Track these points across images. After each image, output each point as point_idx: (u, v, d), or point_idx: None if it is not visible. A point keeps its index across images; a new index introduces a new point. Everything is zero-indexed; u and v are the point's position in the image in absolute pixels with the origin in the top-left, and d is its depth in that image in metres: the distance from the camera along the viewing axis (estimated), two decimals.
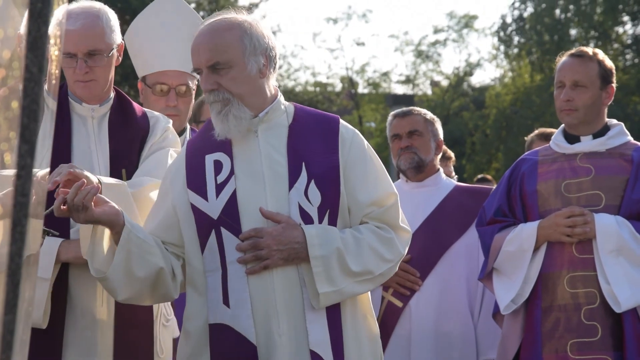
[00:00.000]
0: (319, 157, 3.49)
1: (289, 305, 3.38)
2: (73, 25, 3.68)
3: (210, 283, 3.41)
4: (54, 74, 1.76)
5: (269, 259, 3.35)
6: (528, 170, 4.56)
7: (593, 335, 4.30)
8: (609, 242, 4.29)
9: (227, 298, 3.36)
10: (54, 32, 1.69)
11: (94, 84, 3.79)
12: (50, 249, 3.59)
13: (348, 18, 35.64)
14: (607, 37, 27.79)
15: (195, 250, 3.45)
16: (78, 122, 3.82)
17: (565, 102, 4.48)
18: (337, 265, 3.40)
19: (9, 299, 1.51)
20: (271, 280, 3.37)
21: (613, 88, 4.55)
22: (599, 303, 4.31)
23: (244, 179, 3.43)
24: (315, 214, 3.43)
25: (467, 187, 5.25)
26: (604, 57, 4.55)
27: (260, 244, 3.35)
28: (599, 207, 4.38)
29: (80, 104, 3.82)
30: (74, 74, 3.75)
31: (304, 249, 3.37)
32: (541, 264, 4.41)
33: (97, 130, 3.83)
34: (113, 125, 3.85)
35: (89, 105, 3.83)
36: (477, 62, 34.26)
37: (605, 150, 4.48)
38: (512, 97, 28.89)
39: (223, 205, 3.40)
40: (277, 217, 3.38)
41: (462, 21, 34.73)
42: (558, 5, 27.94)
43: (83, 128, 3.82)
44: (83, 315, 3.67)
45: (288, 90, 32.43)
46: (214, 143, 3.50)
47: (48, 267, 3.59)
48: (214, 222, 3.40)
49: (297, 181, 3.42)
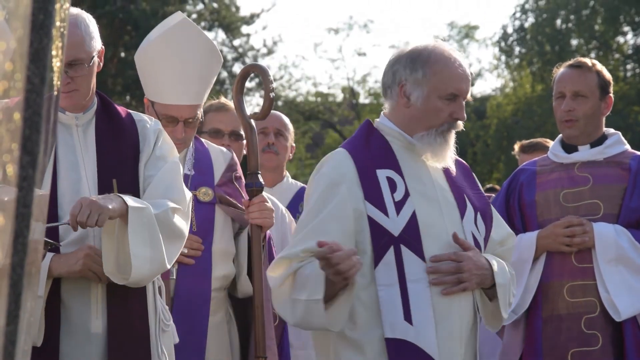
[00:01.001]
0: (470, 192, 3.66)
1: (465, 328, 3.50)
2: None
3: (384, 297, 3.42)
4: (56, 85, 1.76)
5: (468, 282, 3.47)
6: (526, 180, 4.56)
7: (594, 344, 4.30)
8: (608, 251, 4.30)
9: (410, 315, 3.40)
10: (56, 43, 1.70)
11: (76, 94, 3.74)
12: (42, 265, 3.54)
13: (349, 28, 35.67)
14: (608, 47, 27.80)
15: (367, 262, 3.43)
16: (63, 132, 3.75)
17: (567, 112, 4.48)
18: (509, 293, 3.63)
19: (10, 310, 1.51)
20: (451, 303, 3.47)
21: (611, 98, 4.56)
22: (599, 312, 4.31)
23: (420, 201, 3.51)
24: (483, 245, 3.62)
25: None
26: (602, 67, 4.57)
27: (462, 268, 3.46)
28: (597, 216, 4.39)
29: (63, 113, 3.75)
30: None
31: (491, 275, 3.54)
32: (541, 273, 4.42)
33: (83, 139, 3.78)
34: (100, 133, 3.79)
35: (72, 113, 3.78)
36: (478, 72, 34.29)
37: (603, 159, 4.49)
38: (513, 107, 28.88)
39: (404, 224, 3.45)
40: (467, 244, 3.52)
41: (463, 31, 34.75)
42: (559, 15, 27.96)
43: (69, 137, 3.77)
44: (77, 330, 3.63)
45: (289, 101, 32.43)
46: (378, 157, 3.55)
47: (40, 283, 3.54)
48: (394, 238, 3.44)
49: (467, 211, 3.58)
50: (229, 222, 4.46)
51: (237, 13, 28.14)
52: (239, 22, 28.08)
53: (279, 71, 32.83)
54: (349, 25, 37.23)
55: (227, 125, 4.98)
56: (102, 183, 3.68)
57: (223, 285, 4.41)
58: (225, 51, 28.36)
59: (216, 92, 24.22)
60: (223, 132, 5.00)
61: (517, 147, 6.31)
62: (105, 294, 3.65)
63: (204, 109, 5.09)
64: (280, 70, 33.47)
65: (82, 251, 3.60)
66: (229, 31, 27.98)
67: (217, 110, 5.05)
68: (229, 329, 4.44)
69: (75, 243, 3.64)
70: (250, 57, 28.35)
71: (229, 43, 28.52)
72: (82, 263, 3.58)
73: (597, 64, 4.57)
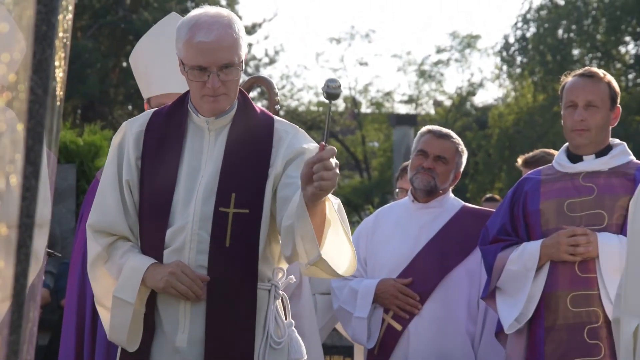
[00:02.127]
0: None
1: None
2: (206, 37, 3.48)
3: None
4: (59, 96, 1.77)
5: None
6: (531, 189, 4.56)
7: (596, 355, 4.30)
8: (611, 261, 4.30)
9: None
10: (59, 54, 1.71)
11: (225, 98, 3.56)
12: (136, 272, 3.52)
13: (351, 38, 35.64)
14: (610, 57, 27.82)
15: None
16: (194, 136, 3.62)
17: (579, 122, 4.47)
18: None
19: (13, 320, 1.52)
20: None
21: (619, 109, 4.56)
22: (601, 322, 4.31)
23: None
24: None
25: (473, 210, 5.13)
26: (611, 78, 4.57)
27: None
28: (601, 227, 4.38)
29: (196, 115, 3.61)
30: (203, 89, 3.54)
31: None
32: (544, 283, 4.41)
33: (213, 145, 3.61)
34: (231, 140, 3.61)
35: (205, 117, 3.60)
36: (479, 82, 34.28)
37: (607, 170, 4.49)
38: (515, 117, 28.88)
39: None
40: None
41: (464, 41, 34.75)
42: (561, 25, 27.98)
43: (198, 142, 3.61)
44: (167, 341, 3.56)
45: (291, 110, 32.46)
46: None
47: (132, 290, 3.52)
48: None
49: None
50: None
51: None
52: None
53: (280, 81, 32.89)
54: (350, 35, 37.24)
55: None
56: (220, 195, 3.54)
57: None
58: None
59: None
60: None
61: (520, 160, 6.31)
62: (190, 311, 3.54)
63: None
64: (282, 79, 33.51)
65: (169, 268, 3.50)
66: None
67: None
68: None
69: (175, 252, 3.56)
70: (252, 66, 28.39)
71: None
72: (165, 280, 3.49)
73: (607, 74, 4.57)
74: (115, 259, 3.59)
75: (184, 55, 3.55)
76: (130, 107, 23.43)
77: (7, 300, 1.55)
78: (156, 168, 3.59)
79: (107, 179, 3.64)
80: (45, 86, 1.51)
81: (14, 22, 1.70)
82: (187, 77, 3.56)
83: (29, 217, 1.50)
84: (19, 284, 1.51)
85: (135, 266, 3.54)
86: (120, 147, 3.66)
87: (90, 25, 23.45)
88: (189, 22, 3.55)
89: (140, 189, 3.60)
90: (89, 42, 22.30)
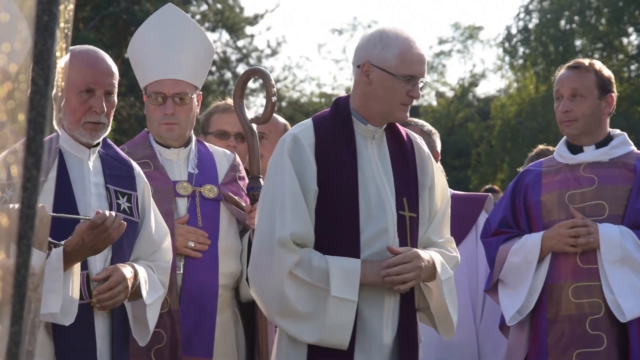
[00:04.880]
0: None
1: None
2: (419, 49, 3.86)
3: None
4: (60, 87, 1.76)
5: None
6: (532, 181, 4.56)
7: (598, 346, 4.30)
8: (612, 252, 4.30)
9: None
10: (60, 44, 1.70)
11: None
12: (351, 271, 3.66)
13: (353, 29, 35.68)
14: (612, 48, 27.77)
15: None
16: (359, 143, 3.83)
17: (564, 113, 4.49)
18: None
19: (15, 311, 1.51)
20: None
21: (613, 97, 4.54)
22: (603, 313, 4.31)
23: None
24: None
25: (461, 195, 5.20)
26: (601, 66, 4.56)
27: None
28: (602, 217, 4.38)
29: (365, 125, 3.83)
30: (405, 97, 3.79)
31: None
32: (546, 274, 4.41)
33: (376, 152, 3.86)
34: (392, 148, 3.88)
35: (374, 126, 3.85)
36: (482, 73, 34.34)
37: (608, 160, 4.49)
38: (517, 108, 28.85)
39: None
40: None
41: (467, 32, 34.74)
42: (563, 16, 27.92)
43: (364, 149, 3.82)
44: (371, 339, 3.71)
45: (293, 102, 32.44)
46: None
47: (353, 288, 3.65)
48: None
49: None
50: (233, 219, 4.47)
51: (240, 14, 28.16)
52: (243, 23, 28.10)
53: (282, 72, 32.85)
54: (352, 26, 37.25)
55: (233, 126, 4.98)
56: (398, 199, 3.80)
57: (230, 283, 4.41)
58: (229, 52, 28.39)
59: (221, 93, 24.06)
60: (229, 133, 5.01)
61: (531, 155, 6.29)
62: (398, 308, 3.77)
63: (210, 110, 5.11)
64: (284, 71, 33.49)
65: (378, 263, 3.76)
66: (232, 32, 28.00)
67: (223, 111, 5.06)
68: (235, 329, 4.44)
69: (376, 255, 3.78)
70: (254, 57, 28.36)
71: (232, 44, 28.54)
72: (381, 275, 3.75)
73: (595, 63, 4.56)
74: (314, 264, 3.68)
75: (394, 65, 3.76)
76: (132, 98, 23.42)
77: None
78: (337, 176, 3.74)
79: (291, 189, 3.70)
80: (46, 77, 1.50)
81: (17, 11, 1.69)
82: (384, 86, 3.76)
83: (30, 207, 1.50)
84: (20, 275, 1.51)
85: (345, 266, 3.66)
86: (297, 159, 3.73)
87: (92, 16, 23.43)
88: (400, 33, 3.84)
89: (323, 198, 3.72)
90: (91, 33, 22.29)
